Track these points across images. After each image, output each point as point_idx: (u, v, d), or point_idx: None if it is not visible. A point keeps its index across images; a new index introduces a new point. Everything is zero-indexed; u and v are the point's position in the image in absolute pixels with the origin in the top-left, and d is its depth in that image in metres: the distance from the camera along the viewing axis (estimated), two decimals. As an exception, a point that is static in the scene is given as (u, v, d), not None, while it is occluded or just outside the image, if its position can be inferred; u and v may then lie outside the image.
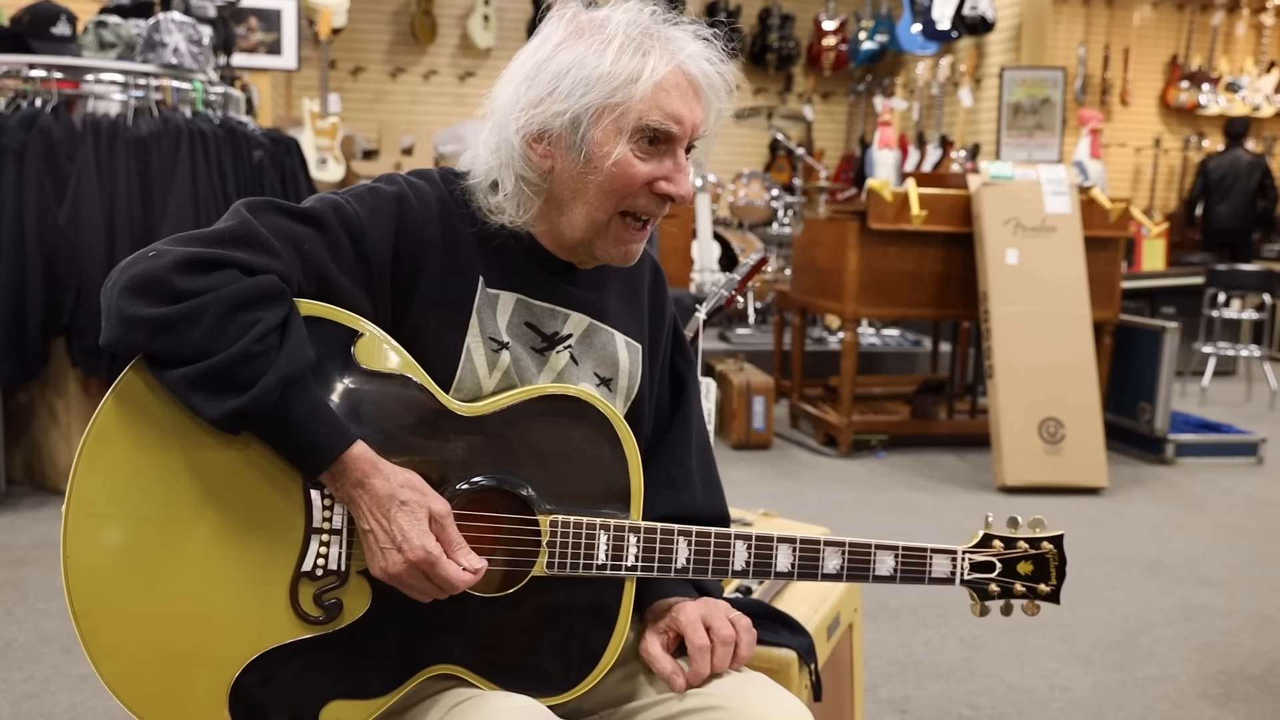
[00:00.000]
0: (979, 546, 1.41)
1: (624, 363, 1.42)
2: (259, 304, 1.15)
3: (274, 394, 1.14)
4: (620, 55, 1.25)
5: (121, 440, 1.19)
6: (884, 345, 7.06)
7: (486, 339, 1.31)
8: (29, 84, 4.08)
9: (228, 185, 4.16)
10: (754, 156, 10.71)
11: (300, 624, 1.21)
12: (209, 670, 1.20)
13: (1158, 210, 10.59)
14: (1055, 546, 1.44)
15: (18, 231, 3.88)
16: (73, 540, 1.18)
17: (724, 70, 1.32)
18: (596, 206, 1.29)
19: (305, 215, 1.24)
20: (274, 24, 7.36)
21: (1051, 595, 1.44)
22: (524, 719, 1.21)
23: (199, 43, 4.39)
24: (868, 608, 3.29)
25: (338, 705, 1.23)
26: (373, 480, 1.18)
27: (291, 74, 8.52)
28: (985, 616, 1.44)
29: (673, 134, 1.28)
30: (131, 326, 1.13)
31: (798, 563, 1.34)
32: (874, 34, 10.07)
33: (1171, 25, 10.60)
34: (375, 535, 1.19)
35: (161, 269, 1.14)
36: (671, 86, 1.27)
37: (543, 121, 1.27)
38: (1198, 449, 5.36)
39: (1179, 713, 2.72)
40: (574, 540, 1.28)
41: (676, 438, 1.52)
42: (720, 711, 1.27)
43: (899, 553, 1.37)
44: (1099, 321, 5.12)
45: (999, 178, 4.98)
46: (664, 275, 1.52)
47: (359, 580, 1.23)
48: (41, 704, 2.55)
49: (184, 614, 1.19)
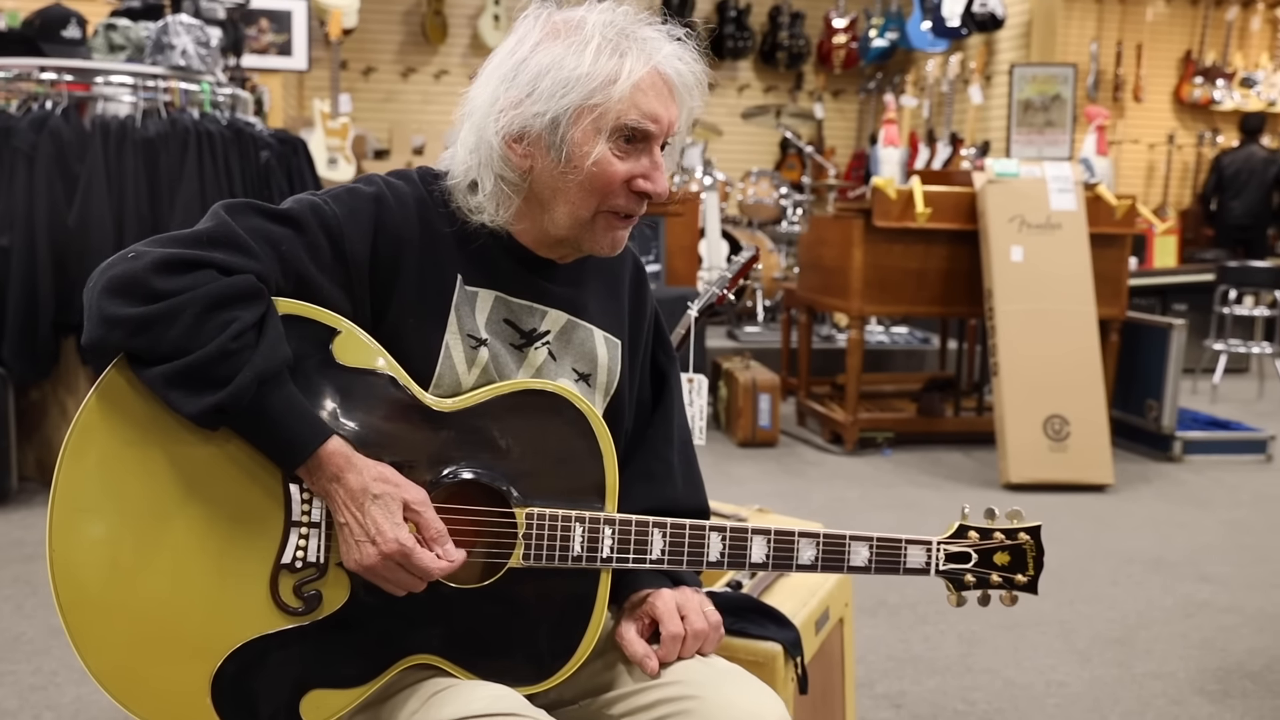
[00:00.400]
0: (954, 537, 1.43)
1: (603, 358, 1.44)
2: (236, 303, 1.18)
3: (250, 390, 1.17)
4: (598, 56, 1.28)
5: (105, 437, 1.22)
6: (893, 343, 7.07)
7: (465, 336, 1.33)
8: (40, 87, 4.13)
9: (235, 185, 4.20)
10: (765, 155, 10.72)
11: (280, 615, 1.24)
12: (192, 661, 1.23)
13: (1171, 207, 10.54)
14: (1032, 537, 1.45)
15: (29, 232, 3.93)
16: (58, 535, 1.21)
17: (696, 70, 1.34)
18: (579, 205, 1.32)
19: (283, 216, 1.27)
20: (285, 25, 7.43)
21: (1029, 585, 1.45)
22: (499, 707, 1.23)
23: (207, 45, 4.44)
24: (867, 604, 3.31)
25: (318, 694, 1.26)
26: (347, 475, 1.21)
27: (303, 75, 8.59)
28: (962, 606, 1.46)
29: (650, 133, 1.31)
30: (112, 326, 1.17)
31: (772, 554, 1.36)
32: (884, 31, 10.06)
33: (1185, 20, 10.55)
34: (350, 528, 1.22)
35: (140, 270, 1.17)
36: (648, 87, 1.29)
37: (522, 122, 1.30)
38: (1206, 446, 5.35)
39: (1176, 708, 2.73)
40: (550, 532, 1.30)
41: (658, 432, 1.54)
42: (694, 701, 1.30)
43: (874, 544, 1.39)
44: (1106, 319, 5.11)
45: (1004, 175, 4.98)
46: (645, 272, 1.54)
47: (338, 572, 1.26)
48: (48, 696, 2.59)
49: (167, 606, 1.22)
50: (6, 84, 4.23)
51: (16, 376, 4.01)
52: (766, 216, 8.11)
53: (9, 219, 3.95)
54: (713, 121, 9.50)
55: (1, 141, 3.96)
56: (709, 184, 7.26)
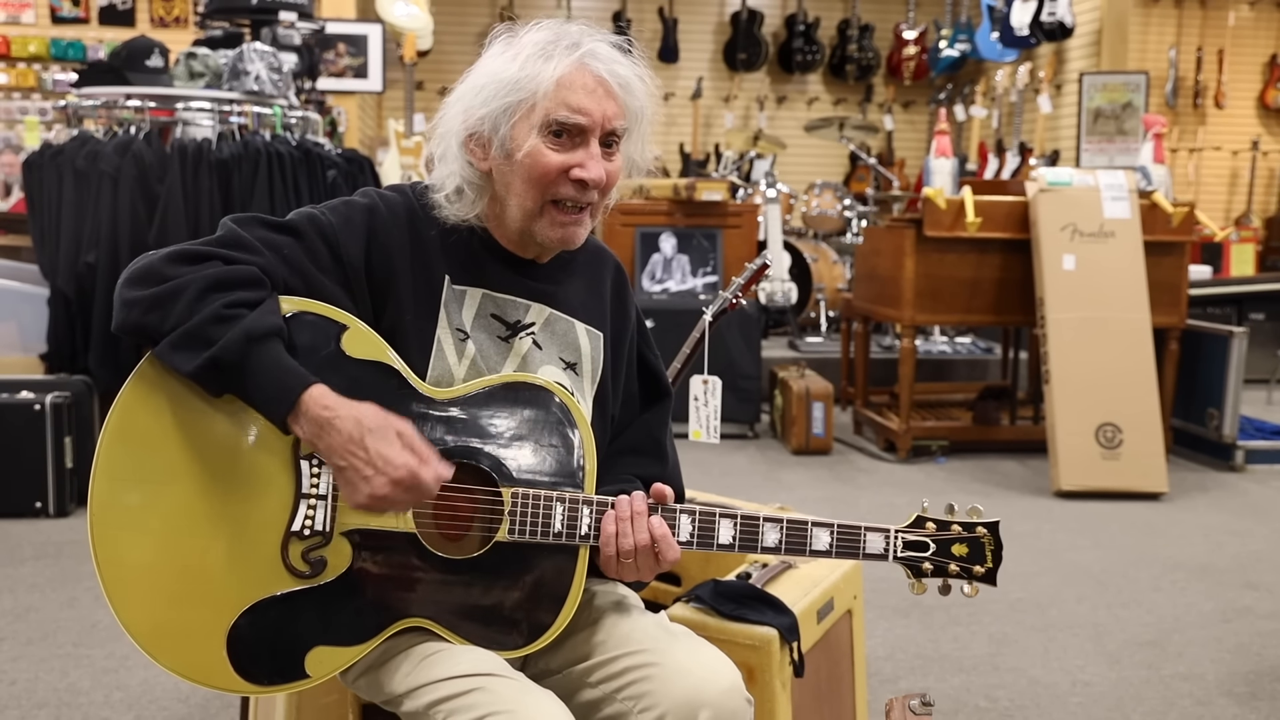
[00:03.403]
0: (912, 527, 1.52)
1: (586, 348, 1.59)
2: (237, 285, 1.35)
3: (239, 345, 1.32)
4: (528, 62, 1.44)
5: (139, 418, 1.40)
6: (954, 353, 7.07)
7: (454, 330, 1.49)
8: (127, 113, 4.42)
9: (303, 202, 4.43)
10: (835, 167, 10.76)
11: (290, 577, 1.39)
12: (210, 615, 1.39)
13: (1256, 215, 10.30)
14: (990, 532, 1.54)
15: (113, 249, 4.21)
16: (98, 501, 1.38)
17: (636, 70, 1.48)
18: (524, 196, 1.47)
19: (284, 226, 1.44)
20: (361, 49, 7.72)
21: (987, 577, 1.54)
22: (481, 668, 1.37)
23: (279, 70, 4.69)
24: (901, 605, 3.37)
25: (321, 650, 1.41)
26: (337, 415, 1.33)
27: (379, 96, 8.90)
28: (923, 594, 1.55)
29: (581, 125, 1.44)
30: (130, 307, 1.36)
31: (738, 536, 1.47)
32: (954, 42, 10.04)
33: (1270, 25, 10.31)
34: (354, 468, 1.33)
35: (156, 260, 1.37)
36: (575, 84, 1.44)
37: (473, 127, 1.47)
38: (1269, 456, 5.26)
39: (1200, 709, 2.75)
40: (533, 510, 1.43)
41: (655, 418, 1.69)
42: (656, 667, 1.42)
43: (834, 529, 1.49)
44: (1164, 327, 5.08)
45: (1056, 184, 4.99)
46: (626, 275, 1.69)
47: (341, 540, 1.41)
48: (119, 678, 2.80)
49: (189, 567, 1.38)
50: (95, 111, 4.53)
51: (102, 385, 4.28)
52: (830, 228, 8.17)
53: (95, 237, 4.23)
54: (780, 135, 9.59)
55: (89, 164, 4.25)
56: (771, 196, 7.34)
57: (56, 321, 4.39)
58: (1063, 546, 4.02)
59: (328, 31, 6.94)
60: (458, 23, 10.20)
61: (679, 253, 5.87)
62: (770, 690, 1.90)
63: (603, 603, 1.56)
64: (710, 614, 1.95)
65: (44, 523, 4.03)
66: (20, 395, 4.05)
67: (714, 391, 2.39)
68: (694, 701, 1.39)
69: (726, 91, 10.77)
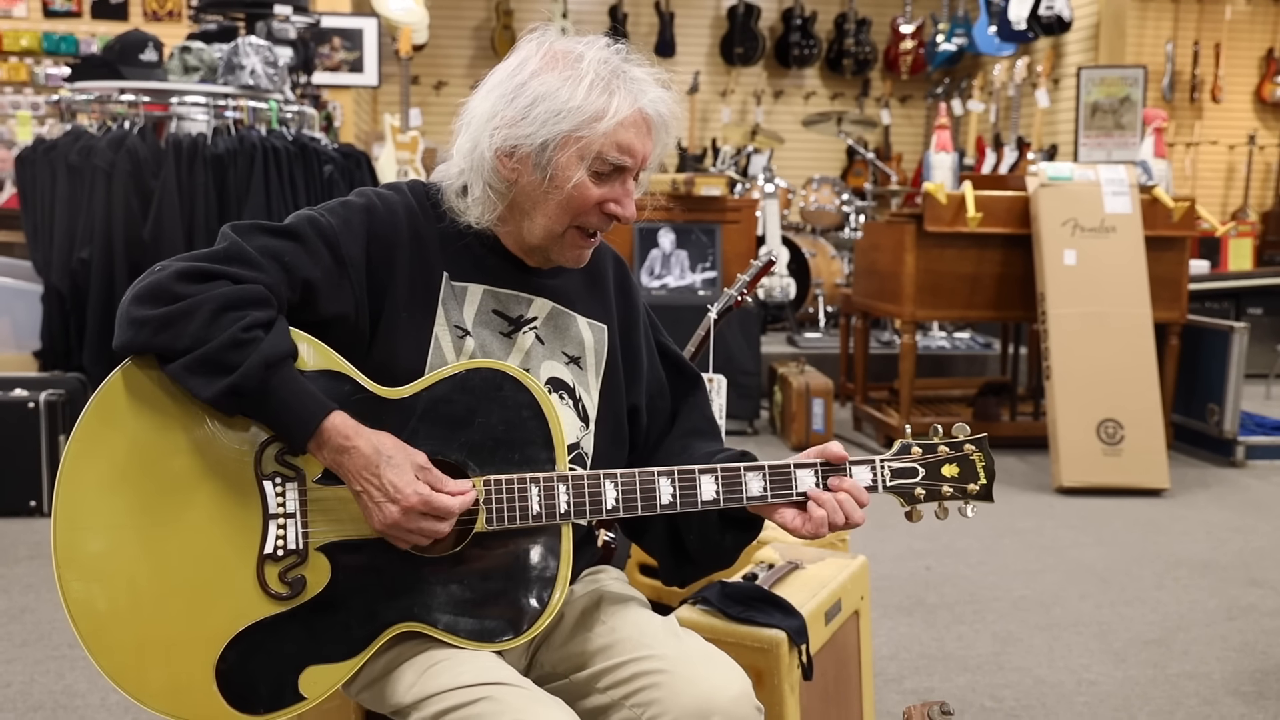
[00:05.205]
0: (898, 454, 1.50)
1: (589, 342, 1.57)
2: (248, 305, 1.33)
3: (258, 372, 1.30)
4: (590, 91, 1.41)
5: (95, 461, 1.35)
6: (954, 348, 7.05)
7: (452, 327, 1.47)
8: (120, 108, 4.38)
9: (299, 198, 4.39)
10: (832, 162, 10.73)
11: (270, 601, 1.36)
12: (195, 654, 1.35)
13: (1252, 209, 10.29)
14: (978, 447, 1.51)
15: (107, 245, 4.17)
16: (61, 552, 1.33)
17: (677, 111, 1.49)
18: (554, 220, 1.46)
19: (285, 231, 1.42)
20: (356, 43, 7.67)
21: (982, 494, 1.52)
22: (488, 676, 1.35)
23: (274, 64, 4.65)
24: (904, 604, 3.35)
25: (314, 670, 1.38)
26: (356, 443, 1.33)
27: (375, 90, 8.84)
28: (919, 521, 1.52)
29: (626, 166, 1.45)
30: (140, 327, 1.31)
31: (722, 490, 1.44)
32: (951, 36, 10.01)
33: (1266, 18, 10.29)
34: (369, 493, 1.33)
35: (164, 278, 1.33)
36: (630, 124, 1.43)
37: (515, 140, 1.43)
38: (1270, 451, 5.25)
39: (1207, 708, 2.73)
40: (508, 495, 1.40)
41: (699, 398, 1.70)
42: (665, 675, 1.39)
43: (818, 468, 1.48)
44: (1165, 322, 5.06)
45: (1057, 179, 4.96)
46: (627, 267, 1.68)
47: (317, 556, 1.38)
48: (115, 679, 2.76)
49: (164, 608, 1.35)
50: (89, 105, 4.48)
51: (97, 382, 4.23)
52: (828, 223, 8.14)
53: (89, 233, 4.19)
54: (777, 130, 9.56)
55: (83, 160, 4.21)
56: (770, 191, 7.31)
57: (50, 318, 4.35)
58: (1065, 543, 3.99)
59: (323, 25, 6.90)
60: (453, 17, 10.15)
61: (677, 248, 5.84)
62: (779, 694, 1.87)
63: (610, 604, 1.53)
64: (718, 616, 1.93)
65: (38, 522, 3.99)
66: (14, 393, 4.00)
67: (719, 390, 2.36)
68: (703, 709, 1.37)
69: (723, 86, 10.73)
